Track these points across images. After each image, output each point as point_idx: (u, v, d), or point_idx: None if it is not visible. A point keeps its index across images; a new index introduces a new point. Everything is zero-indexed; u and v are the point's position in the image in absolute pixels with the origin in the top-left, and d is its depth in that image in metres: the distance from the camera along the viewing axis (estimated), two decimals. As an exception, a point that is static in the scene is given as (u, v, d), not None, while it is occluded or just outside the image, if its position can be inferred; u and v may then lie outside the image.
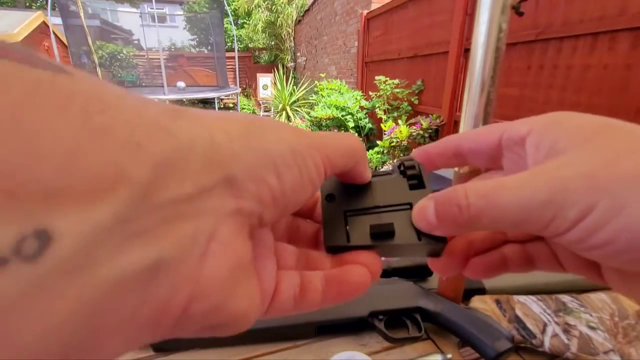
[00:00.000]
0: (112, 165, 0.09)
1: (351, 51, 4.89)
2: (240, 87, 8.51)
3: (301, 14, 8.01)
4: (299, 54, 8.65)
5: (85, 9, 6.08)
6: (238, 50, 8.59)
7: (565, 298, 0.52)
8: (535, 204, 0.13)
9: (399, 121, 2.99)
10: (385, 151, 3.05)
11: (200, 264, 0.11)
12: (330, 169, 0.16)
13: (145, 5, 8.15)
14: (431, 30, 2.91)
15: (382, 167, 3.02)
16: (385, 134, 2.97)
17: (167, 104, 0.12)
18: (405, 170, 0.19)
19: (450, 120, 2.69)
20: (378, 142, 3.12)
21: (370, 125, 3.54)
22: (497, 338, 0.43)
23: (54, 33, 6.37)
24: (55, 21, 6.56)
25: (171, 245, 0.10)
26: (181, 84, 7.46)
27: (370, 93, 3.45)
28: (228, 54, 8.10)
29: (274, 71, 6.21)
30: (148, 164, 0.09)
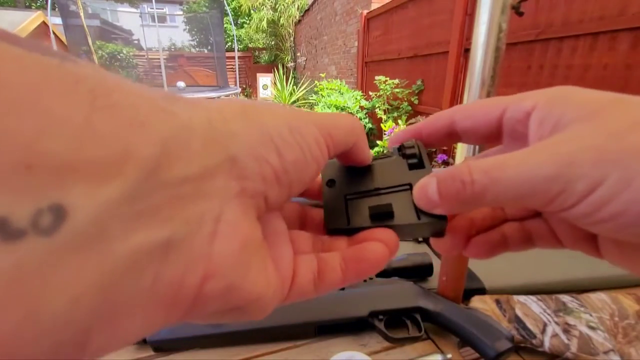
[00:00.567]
0: (120, 143, 0.09)
1: (351, 51, 4.89)
2: (240, 87, 8.51)
3: (301, 14, 8.01)
4: (299, 54, 8.65)
5: (85, 9, 6.08)
6: (238, 50, 8.59)
7: (565, 298, 0.52)
8: (542, 178, 0.13)
9: (399, 121, 2.99)
10: (384, 151, 3.05)
11: (211, 243, 0.11)
12: (333, 146, 0.16)
13: (145, 5, 8.14)
14: (431, 30, 2.91)
15: (382, 167, 3.02)
16: (385, 134, 2.97)
17: (162, 90, 0.12)
18: (404, 152, 0.19)
19: (450, 120, 2.69)
20: (378, 142, 3.12)
21: (370, 125, 3.54)
22: (497, 338, 0.43)
23: (53, 33, 6.38)
24: (55, 21, 6.56)
25: (182, 225, 0.10)
26: (181, 84, 7.46)
27: (370, 93, 3.45)
28: (228, 54, 8.09)
29: (274, 71, 6.22)
30: (154, 143, 0.10)
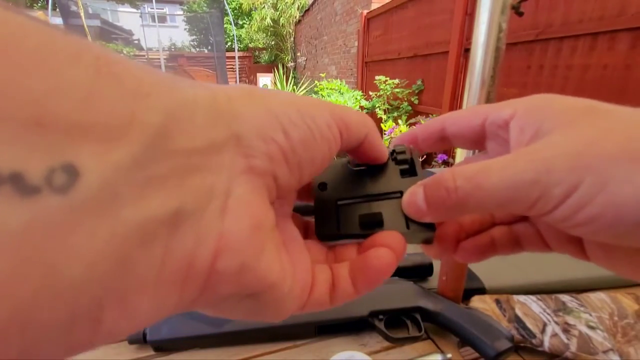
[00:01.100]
0: (126, 108, 0.09)
1: (351, 51, 4.89)
2: (240, 87, 8.50)
3: (301, 14, 8.01)
4: (299, 54, 8.65)
5: (85, 9, 6.09)
6: (238, 50, 8.59)
7: (565, 298, 0.52)
8: (521, 184, 0.14)
9: (399, 121, 2.99)
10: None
11: (222, 218, 0.11)
12: (347, 134, 0.15)
13: (146, 5, 8.15)
14: (431, 30, 2.91)
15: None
16: (385, 134, 2.97)
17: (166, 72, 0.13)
18: (396, 157, 0.19)
19: (450, 120, 2.69)
20: (378, 142, 3.12)
21: (370, 125, 3.54)
22: (496, 338, 0.43)
23: (54, 33, 6.37)
24: (56, 21, 6.56)
25: (190, 196, 0.10)
26: (181, 84, 7.45)
27: (370, 93, 3.45)
28: (228, 54, 8.10)
29: (274, 71, 6.21)
30: (158, 112, 0.10)
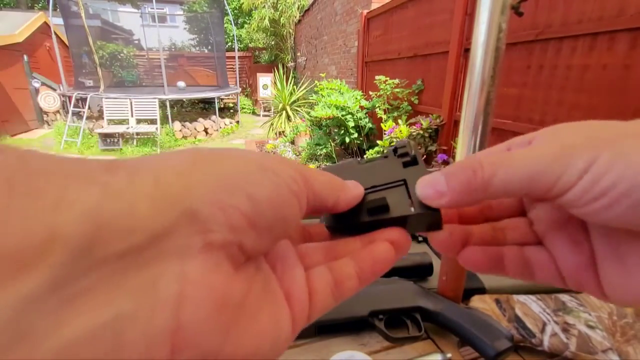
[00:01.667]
0: (43, 227, 0.08)
1: (351, 51, 4.89)
2: (240, 86, 8.51)
3: (301, 14, 8.01)
4: (299, 54, 8.65)
5: (86, 9, 6.09)
6: (238, 50, 8.59)
7: (565, 297, 0.52)
8: (545, 162, 0.14)
9: (399, 121, 2.99)
10: (385, 151, 3.05)
11: (176, 310, 0.10)
12: (311, 193, 0.15)
13: (146, 5, 8.15)
14: (431, 30, 2.91)
15: (382, 167, 3.02)
16: (385, 134, 2.97)
17: (104, 160, 0.11)
18: (398, 152, 0.20)
19: (450, 120, 2.69)
20: (378, 141, 3.12)
21: (370, 125, 3.54)
22: (496, 337, 0.43)
23: (55, 33, 6.38)
24: (56, 21, 6.56)
25: (128, 299, 0.09)
26: (181, 83, 7.47)
27: (370, 93, 3.45)
28: (228, 54, 8.10)
29: (274, 71, 6.22)
30: (84, 221, 0.09)
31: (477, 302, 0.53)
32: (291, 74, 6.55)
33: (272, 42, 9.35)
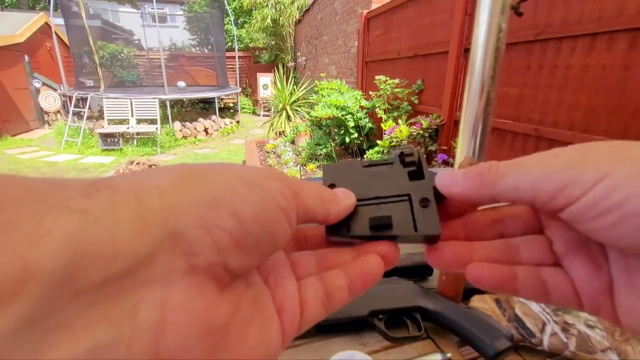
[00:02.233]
0: (17, 261, 0.08)
1: (351, 51, 4.89)
2: (240, 86, 8.52)
3: (301, 14, 8.01)
4: (299, 54, 8.65)
5: (86, 10, 6.09)
6: (238, 50, 8.60)
7: (565, 297, 0.52)
8: (557, 167, 0.14)
9: (399, 121, 2.99)
10: (385, 151, 3.05)
11: (158, 336, 0.10)
12: (301, 207, 0.15)
13: (146, 5, 8.15)
14: (431, 30, 2.91)
15: (382, 167, 3.02)
16: (385, 134, 2.97)
17: (88, 178, 0.11)
18: (404, 159, 0.19)
19: (450, 119, 2.69)
20: (378, 141, 3.12)
21: (370, 124, 3.54)
22: (496, 337, 0.43)
23: (56, 34, 6.39)
24: (57, 22, 6.57)
25: (106, 329, 0.09)
26: (181, 83, 7.47)
27: (371, 93, 3.45)
28: (228, 54, 8.10)
29: (274, 71, 6.22)
30: (61, 252, 0.09)
31: (477, 301, 0.53)
32: (291, 74, 6.55)
33: (272, 42, 9.35)
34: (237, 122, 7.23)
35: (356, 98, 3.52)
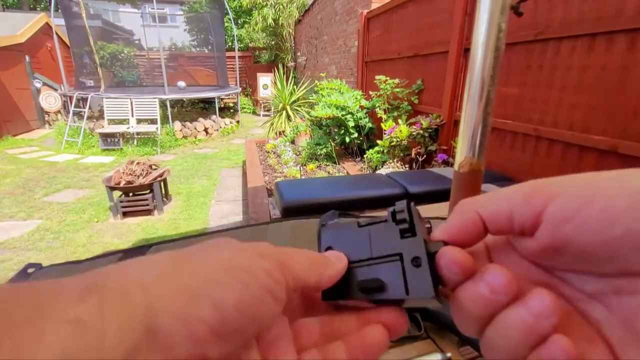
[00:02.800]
0: None
1: (351, 51, 4.89)
2: (240, 86, 8.52)
3: (301, 14, 8.01)
4: (299, 54, 8.65)
5: (87, 10, 6.09)
6: (238, 50, 8.60)
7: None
8: (519, 192, 0.15)
9: (399, 121, 2.99)
10: (385, 151, 3.05)
11: None
12: (292, 277, 0.15)
13: (146, 5, 8.16)
14: (431, 30, 2.91)
15: (382, 166, 3.02)
16: (385, 134, 2.98)
17: (83, 275, 0.12)
18: (395, 217, 0.19)
19: (450, 119, 2.70)
20: (378, 141, 3.12)
21: (370, 124, 3.54)
22: (496, 336, 0.43)
23: (56, 34, 6.39)
24: (58, 22, 6.57)
25: None
26: (182, 83, 7.47)
27: (371, 92, 3.45)
28: (228, 54, 8.11)
29: (274, 71, 6.22)
30: None
31: (476, 301, 0.53)
32: (291, 74, 6.55)
33: (272, 42, 9.35)
34: (237, 122, 7.24)
35: (356, 98, 3.52)
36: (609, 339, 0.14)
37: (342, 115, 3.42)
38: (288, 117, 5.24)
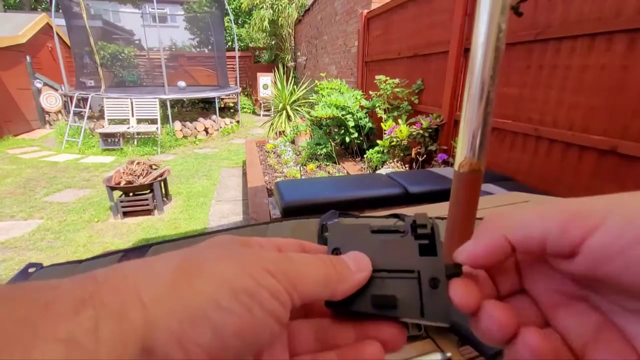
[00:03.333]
0: None
1: (351, 51, 4.89)
2: (240, 86, 8.52)
3: (301, 14, 8.01)
4: (299, 54, 8.65)
5: (87, 10, 6.09)
6: (238, 50, 8.60)
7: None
8: (564, 214, 0.14)
9: (399, 120, 2.99)
10: (385, 150, 3.05)
11: None
12: (298, 297, 0.14)
13: (147, 5, 8.16)
14: (431, 30, 2.91)
15: (382, 166, 3.02)
16: (385, 134, 2.97)
17: (81, 283, 0.12)
18: (417, 231, 0.17)
19: (450, 119, 2.69)
20: (378, 141, 3.12)
21: (370, 124, 3.54)
22: (496, 336, 0.43)
23: (57, 34, 6.40)
24: (58, 22, 6.58)
25: None
26: (182, 83, 7.47)
27: (371, 92, 3.45)
28: (228, 54, 8.11)
29: (275, 71, 6.22)
30: None
31: (476, 301, 0.53)
32: (291, 74, 6.55)
33: (273, 42, 9.35)
34: (237, 121, 7.24)
35: (356, 98, 3.52)
36: None
37: (342, 115, 3.42)
38: (288, 117, 5.24)
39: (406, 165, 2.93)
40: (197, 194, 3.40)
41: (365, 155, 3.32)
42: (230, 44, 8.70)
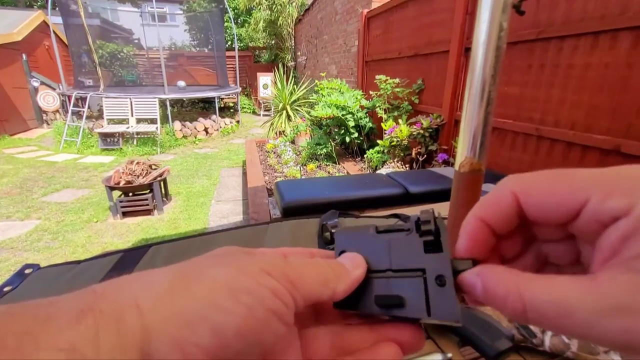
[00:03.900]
0: None
1: (351, 50, 4.88)
2: (240, 86, 8.51)
3: (301, 13, 8.00)
4: (299, 53, 8.64)
5: (85, 8, 6.08)
6: (238, 50, 8.59)
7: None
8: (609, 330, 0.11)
9: (400, 120, 2.99)
10: (385, 150, 3.05)
11: None
12: (300, 297, 0.14)
13: (146, 4, 8.14)
14: (431, 29, 2.90)
15: (382, 166, 3.02)
16: (385, 133, 2.97)
17: (80, 295, 0.12)
18: (421, 228, 0.17)
19: (450, 119, 2.69)
20: (378, 141, 3.12)
21: (370, 124, 3.54)
22: (497, 337, 0.43)
23: (54, 32, 6.37)
24: (55, 20, 6.55)
25: None
26: (181, 83, 7.47)
27: (371, 92, 3.44)
28: (228, 53, 8.10)
29: (274, 70, 6.21)
30: None
31: (477, 302, 0.52)
32: (291, 74, 6.54)
33: (272, 42, 9.34)
34: (237, 121, 7.23)
35: (356, 97, 3.52)
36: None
37: (342, 115, 3.42)
38: (288, 117, 5.23)
39: (406, 165, 2.93)
40: (197, 193, 3.40)
41: (365, 155, 3.31)
42: (230, 43, 8.69)
